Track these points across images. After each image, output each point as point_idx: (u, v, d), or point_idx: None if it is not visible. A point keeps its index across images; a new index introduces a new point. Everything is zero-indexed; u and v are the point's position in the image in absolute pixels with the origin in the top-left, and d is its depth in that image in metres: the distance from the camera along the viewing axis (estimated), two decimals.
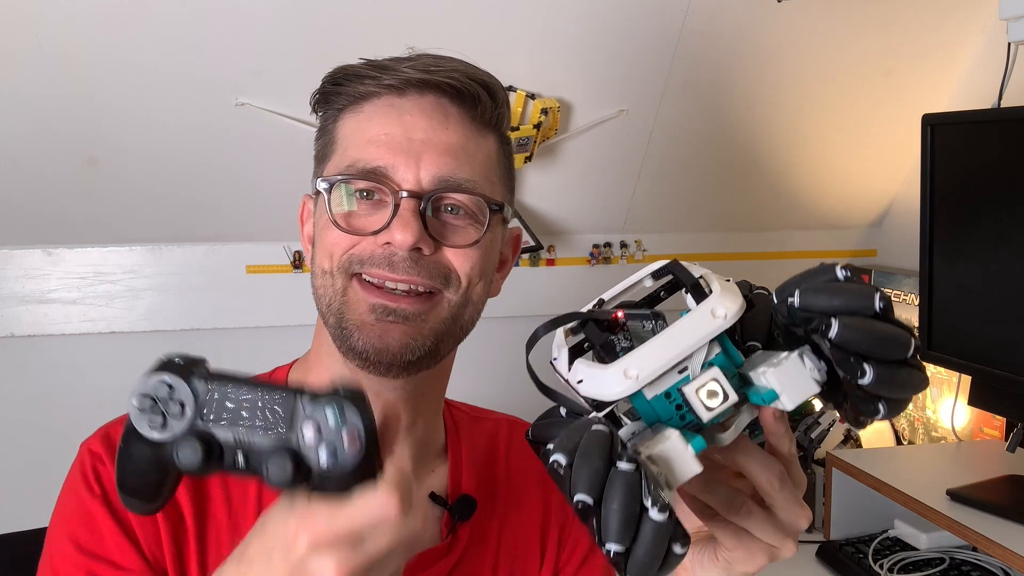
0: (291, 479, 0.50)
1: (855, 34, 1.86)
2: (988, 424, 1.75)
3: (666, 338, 0.52)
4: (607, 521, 0.45)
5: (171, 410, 0.52)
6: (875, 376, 0.49)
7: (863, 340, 0.49)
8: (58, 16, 1.44)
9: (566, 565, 0.87)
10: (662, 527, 0.45)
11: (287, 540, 0.50)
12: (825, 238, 2.28)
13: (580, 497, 0.45)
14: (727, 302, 0.52)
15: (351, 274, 0.72)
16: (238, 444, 0.52)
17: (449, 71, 0.74)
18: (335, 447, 0.51)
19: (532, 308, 2.08)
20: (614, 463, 0.46)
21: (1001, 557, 1.26)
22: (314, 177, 0.78)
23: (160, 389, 0.52)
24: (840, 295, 0.51)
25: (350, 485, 0.51)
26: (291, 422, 0.52)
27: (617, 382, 0.51)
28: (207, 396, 0.52)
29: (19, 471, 1.78)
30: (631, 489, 0.45)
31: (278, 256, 1.85)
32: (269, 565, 0.51)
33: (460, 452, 0.85)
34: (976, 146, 1.51)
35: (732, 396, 0.51)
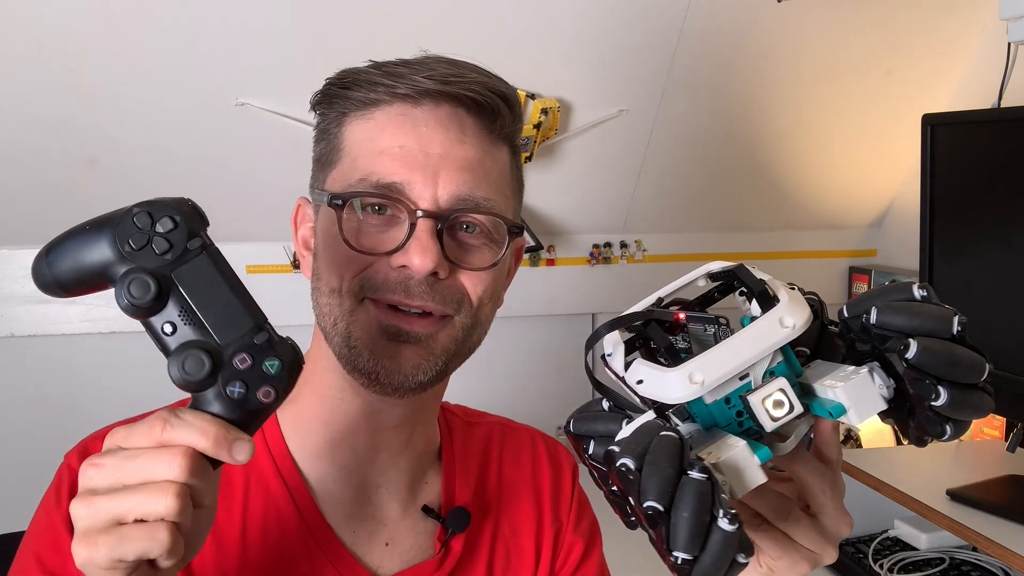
0: (195, 382, 0.50)
1: (855, 34, 1.86)
2: (988, 424, 1.75)
3: (733, 345, 0.51)
4: (676, 529, 0.45)
5: (156, 242, 0.51)
6: (949, 399, 0.50)
7: (940, 363, 0.50)
8: (58, 17, 1.44)
9: (561, 570, 0.86)
10: (731, 537, 0.45)
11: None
12: (825, 238, 2.28)
13: (651, 504, 0.45)
14: (796, 312, 0.52)
15: (362, 297, 0.69)
16: (181, 316, 0.51)
17: (469, 82, 0.70)
18: (250, 389, 0.51)
19: (532, 308, 2.08)
20: (684, 471, 0.46)
21: (1001, 557, 1.26)
22: (314, 182, 0.75)
23: (165, 221, 0.51)
24: (920, 316, 0.51)
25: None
26: (236, 340, 0.52)
27: (681, 386, 0.51)
28: (193, 258, 0.52)
29: (19, 471, 1.78)
30: (703, 498, 0.45)
31: (278, 256, 1.85)
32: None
33: (454, 463, 0.83)
34: (976, 146, 1.51)
35: (797, 407, 0.51)
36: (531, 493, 0.87)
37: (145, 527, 0.48)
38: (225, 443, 0.50)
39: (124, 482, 0.49)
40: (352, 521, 0.76)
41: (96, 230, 0.52)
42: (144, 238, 0.51)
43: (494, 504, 0.84)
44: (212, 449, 0.50)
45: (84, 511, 0.49)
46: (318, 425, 0.75)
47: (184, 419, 0.50)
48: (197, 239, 0.52)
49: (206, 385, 0.51)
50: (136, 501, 0.48)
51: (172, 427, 0.50)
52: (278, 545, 0.74)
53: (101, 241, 0.51)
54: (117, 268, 0.51)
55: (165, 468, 0.49)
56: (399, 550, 0.78)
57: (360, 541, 0.76)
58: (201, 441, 0.50)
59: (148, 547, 0.48)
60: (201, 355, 0.50)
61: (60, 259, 0.52)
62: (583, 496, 0.91)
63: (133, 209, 0.51)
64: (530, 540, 0.85)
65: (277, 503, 0.74)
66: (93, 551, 0.48)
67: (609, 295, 2.14)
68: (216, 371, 0.51)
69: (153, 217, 0.51)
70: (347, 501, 0.76)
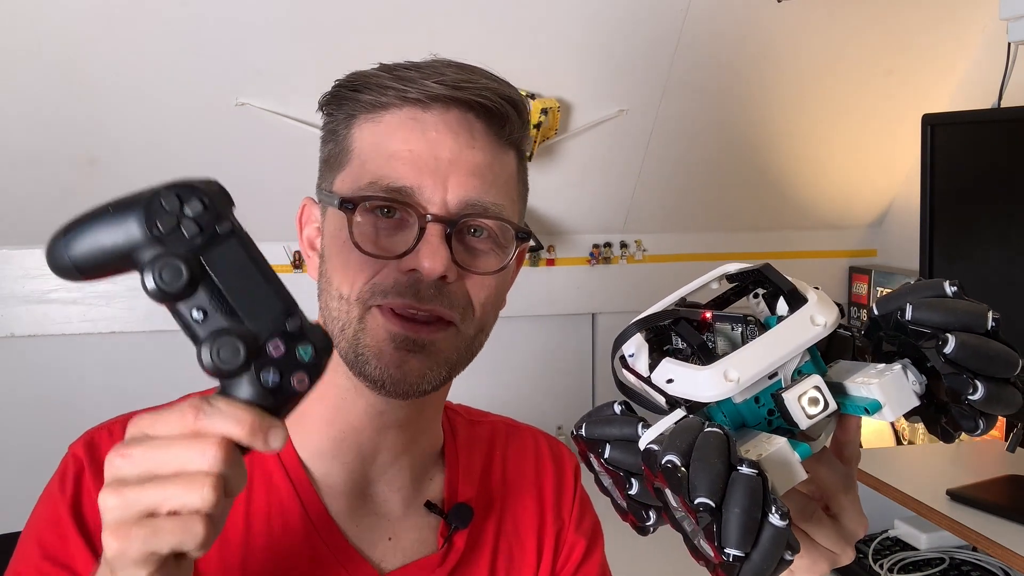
0: (232, 368, 0.48)
1: (855, 34, 1.86)
2: None
3: (767, 342, 0.52)
4: (729, 525, 0.44)
5: (186, 225, 0.49)
6: (985, 393, 0.51)
7: (977, 358, 0.51)
8: (59, 17, 1.44)
9: (562, 569, 0.86)
10: (782, 533, 0.45)
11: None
12: (825, 238, 2.28)
13: (702, 500, 0.44)
14: (826, 310, 0.53)
15: (370, 305, 0.69)
16: (212, 301, 0.49)
17: (479, 88, 0.70)
18: (284, 376, 0.49)
19: (532, 308, 2.08)
20: (734, 466, 0.46)
21: (1001, 557, 1.26)
22: (322, 182, 0.75)
23: (194, 203, 0.49)
24: (955, 312, 0.52)
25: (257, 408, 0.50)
26: (269, 326, 0.50)
27: (716, 384, 0.50)
28: (223, 242, 0.50)
29: (19, 471, 1.78)
30: (755, 494, 0.45)
31: (278, 256, 1.85)
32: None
33: (457, 459, 0.84)
34: (976, 146, 1.52)
35: (832, 405, 0.51)
36: (534, 491, 0.87)
37: (180, 520, 0.47)
38: (260, 432, 0.48)
39: (155, 472, 0.48)
40: (355, 516, 0.77)
41: (121, 211, 0.49)
42: (173, 221, 0.49)
43: (497, 501, 0.85)
44: (247, 438, 0.48)
45: (114, 502, 0.47)
46: (322, 423, 0.76)
47: (218, 407, 0.48)
48: (227, 222, 0.50)
49: (239, 372, 0.49)
50: (170, 493, 0.47)
51: (206, 415, 0.48)
52: (282, 539, 0.74)
53: (127, 223, 0.49)
54: (144, 251, 0.48)
55: (200, 458, 0.47)
56: (402, 545, 0.78)
57: (363, 536, 0.77)
58: (236, 430, 0.48)
59: (183, 540, 0.47)
60: (236, 342, 0.48)
61: (80, 241, 0.49)
62: (585, 495, 0.91)
63: (161, 190, 0.49)
64: (532, 538, 0.85)
65: (281, 498, 0.75)
66: (127, 544, 0.47)
67: (609, 295, 2.14)
68: (250, 358, 0.49)
69: (182, 199, 0.49)
70: (351, 497, 0.77)
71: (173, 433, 0.48)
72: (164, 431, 0.49)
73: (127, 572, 0.48)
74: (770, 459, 0.49)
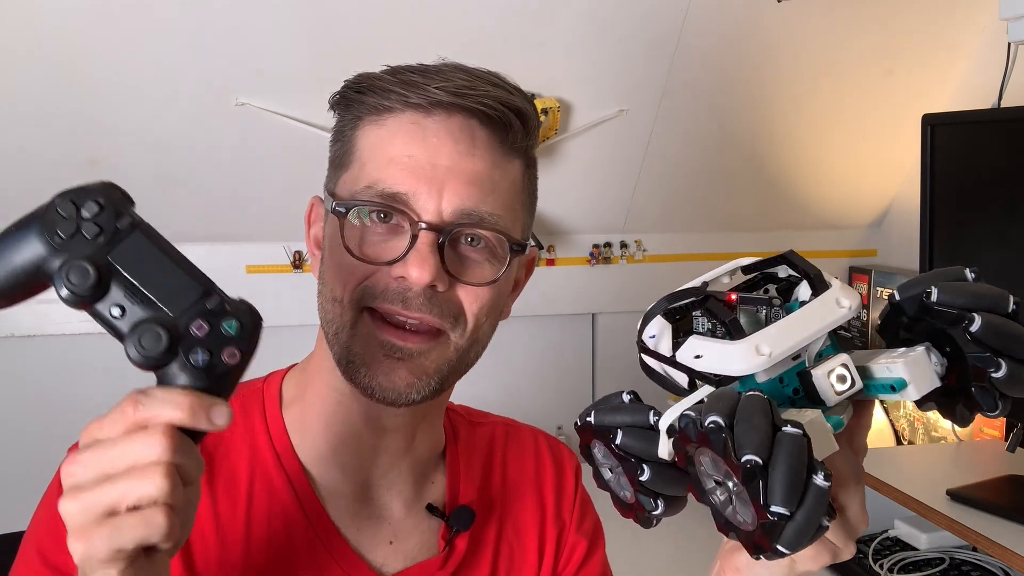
0: (156, 357, 0.49)
1: (855, 34, 1.86)
2: (988, 424, 1.75)
3: (797, 320, 0.53)
4: (776, 483, 0.45)
5: (85, 228, 0.49)
6: (1008, 372, 0.52)
7: (1002, 337, 0.53)
8: (58, 17, 1.44)
9: (564, 570, 0.86)
10: (824, 493, 0.45)
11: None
12: (825, 238, 2.29)
13: (749, 456, 0.45)
14: (848, 295, 0.55)
15: (362, 307, 0.69)
16: (126, 296, 0.50)
17: (482, 95, 0.69)
18: (213, 354, 0.50)
19: (532, 308, 2.08)
20: (778, 427, 0.46)
21: (1001, 557, 1.26)
22: (328, 182, 0.75)
23: (89, 205, 0.50)
24: (979, 295, 0.54)
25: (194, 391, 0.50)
26: (188, 309, 0.50)
27: (748, 358, 0.51)
28: (126, 237, 0.50)
29: (19, 471, 1.78)
30: (801, 453, 0.45)
31: (278, 256, 1.85)
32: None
33: (458, 462, 0.84)
34: (976, 146, 1.52)
35: (858, 382, 0.53)
36: (534, 492, 0.87)
37: (140, 514, 0.47)
38: (202, 411, 0.49)
39: (107, 472, 0.48)
40: (356, 520, 0.77)
41: (21, 229, 0.50)
42: (72, 226, 0.49)
43: (498, 503, 0.84)
44: (190, 420, 0.48)
45: (73, 507, 0.48)
46: (321, 427, 0.76)
47: (154, 395, 0.49)
48: (126, 217, 0.51)
49: (168, 359, 0.49)
50: (125, 488, 0.47)
51: (144, 406, 0.48)
52: (282, 542, 0.74)
53: (29, 238, 0.49)
54: (52, 262, 0.49)
55: (147, 449, 0.47)
56: (403, 548, 0.78)
57: (364, 539, 0.76)
58: (177, 414, 0.48)
59: (146, 533, 0.47)
60: (156, 329, 0.49)
61: None
62: (586, 496, 0.91)
63: (55, 200, 0.50)
64: (533, 539, 0.85)
65: (282, 501, 0.74)
66: (90, 545, 0.47)
67: (609, 295, 2.14)
68: (175, 343, 0.49)
69: (77, 204, 0.50)
70: (351, 500, 0.77)
71: (118, 431, 0.49)
72: (110, 431, 0.49)
73: (98, 574, 0.48)
74: (810, 426, 0.49)
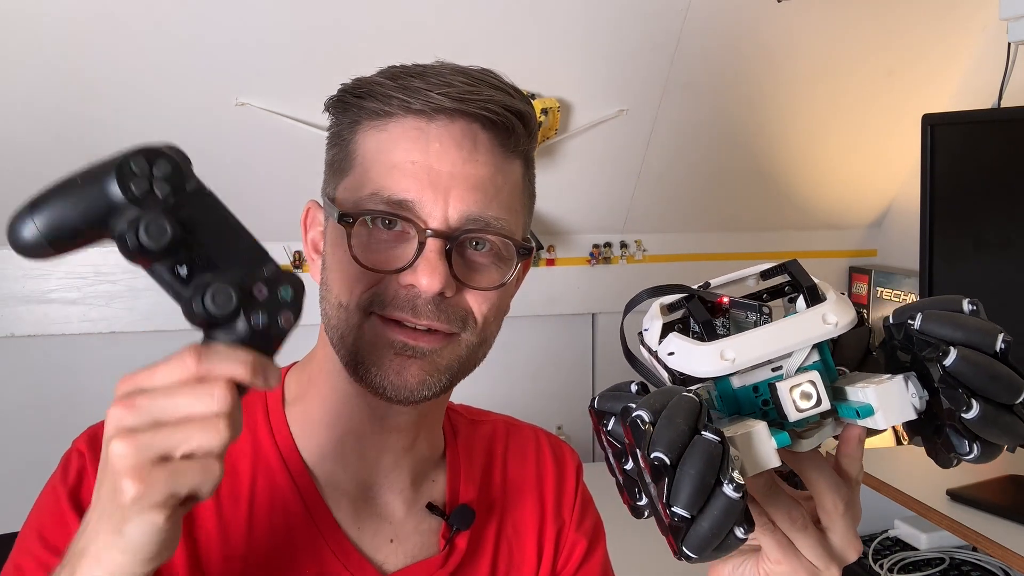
0: (226, 314, 0.51)
1: (855, 34, 1.86)
2: None
3: (771, 331, 0.51)
4: (680, 484, 0.44)
5: (159, 186, 0.50)
6: (980, 413, 0.49)
7: (977, 375, 0.49)
8: (59, 17, 1.44)
9: (563, 569, 0.86)
10: (733, 505, 0.45)
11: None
12: (825, 238, 2.29)
13: (658, 454, 0.45)
14: (840, 311, 0.52)
15: (369, 312, 0.69)
16: (195, 256, 0.51)
17: (485, 100, 0.69)
18: (271, 317, 0.52)
19: (532, 308, 2.08)
20: (698, 431, 0.45)
21: (1001, 557, 1.26)
22: (326, 187, 0.75)
23: (162, 164, 0.51)
24: (964, 327, 0.51)
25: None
26: (251, 273, 0.52)
27: (711, 361, 0.50)
28: (195, 199, 0.52)
29: (19, 471, 1.78)
30: (711, 459, 0.45)
31: (278, 256, 1.83)
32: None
33: (458, 461, 0.84)
34: (976, 146, 1.52)
35: (825, 402, 0.50)
36: (535, 491, 0.87)
37: (198, 461, 0.49)
38: (261, 370, 0.51)
39: (162, 418, 0.49)
40: (358, 518, 0.77)
41: (91, 180, 0.50)
42: (146, 183, 0.50)
43: (498, 502, 0.85)
44: (250, 377, 0.50)
45: (127, 449, 0.48)
46: (323, 426, 0.76)
47: (218, 351, 0.50)
48: (193, 180, 0.52)
49: (231, 318, 0.51)
50: (185, 435, 0.48)
51: (208, 360, 0.50)
52: (284, 538, 0.74)
53: (101, 189, 0.50)
54: (122, 215, 0.50)
55: (210, 400, 0.49)
56: (404, 547, 0.78)
57: (365, 537, 0.77)
58: (240, 370, 0.50)
59: (201, 480, 0.49)
60: (229, 290, 0.51)
61: (51, 213, 0.50)
62: (587, 495, 0.91)
63: (129, 155, 0.50)
64: (533, 538, 0.85)
65: (284, 497, 0.75)
66: (148, 487, 0.48)
67: (609, 295, 2.14)
68: (240, 304, 0.51)
69: (151, 162, 0.51)
70: (353, 499, 0.77)
71: (175, 380, 0.50)
72: (164, 380, 0.50)
73: (145, 516, 0.48)
74: (744, 438, 0.49)
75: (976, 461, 0.51)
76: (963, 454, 0.51)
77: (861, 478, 0.59)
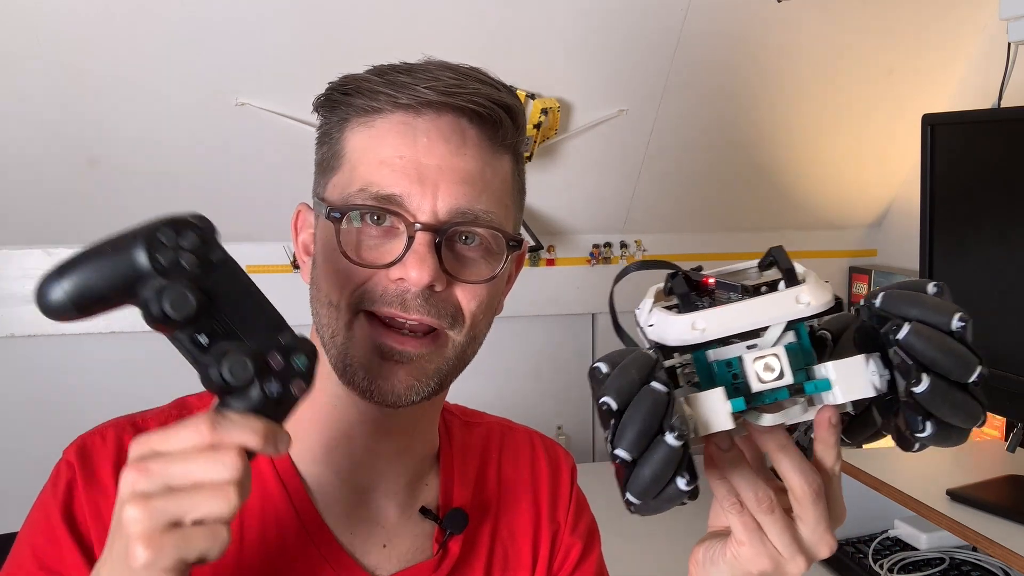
0: (242, 384, 0.52)
1: (855, 34, 1.86)
2: (988, 424, 1.75)
3: (742, 306, 0.52)
4: (623, 428, 0.46)
5: (185, 257, 0.53)
6: (930, 387, 0.49)
7: (928, 349, 0.49)
8: (59, 17, 1.44)
9: (559, 571, 0.86)
10: (673, 452, 0.46)
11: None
12: (825, 238, 2.29)
13: (605, 399, 0.47)
14: (815, 293, 0.53)
15: (359, 310, 0.69)
16: (215, 325, 0.53)
17: (471, 93, 0.69)
18: (286, 385, 0.54)
19: (532, 308, 2.08)
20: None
21: (1001, 557, 1.26)
22: (316, 187, 0.75)
23: (188, 235, 0.53)
24: (922, 306, 0.52)
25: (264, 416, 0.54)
26: (267, 342, 0.54)
27: (682, 330, 0.52)
28: (218, 269, 0.54)
29: (19, 471, 1.78)
30: (655, 407, 0.46)
31: (278, 256, 1.85)
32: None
33: (452, 463, 0.83)
34: (976, 146, 1.51)
35: (788, 377, 0.51)
36: (529, 494, 0.87)
37: (207, 528, 0.50)
38: (272, 438, 0.52)
39: (174, 485, 0.50)
40: (350, 523, 0.76)
41: (120, 248, 0.52)
42: (173, 254, 0.52)
43: (492, 505, 0.84)
44: (261, 446, 0.52)
45: (141, 514, 0.50)
46: (314, 430, 0.75)
47: (232, 419, 0.52)
48: (218, 250, 0.55)
49: (246, 387, 0.53)
50: (196, 502, 0.50)
51: (222, 428, 0.51)
52: (275, 546, 0.74)
53: (129, 258, 0.52)
54: (148, 284, 0.52)
55: (222, 468, 0.50)
56: (397, 552, 0.78)
57: (358, 542, 0.76)
58: (252, 439, 0.51)
59: (211, 546, 0.50)
60: (245, 360, 0.52)
61: (80, 279, 0.52)
62: (581, 497, 0.91)
63: (158, 225, 0.53)
64: (527, 541, 0.85)
65: (275, 504, 0.74)
66: (159, 553, 0.49)
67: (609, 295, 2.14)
68: (256, 373, 0.53)
69: (178, 233, 0.53)
70: (344, 503, 0.76)
71: (188, 446, 0.51)
72: (179, 446, 0.51)
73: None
74: (700, 398, 0.51)
75: (933, 442, 0.52)
76: (917, 432, 0.51)
77: (839, 469, 0.58)
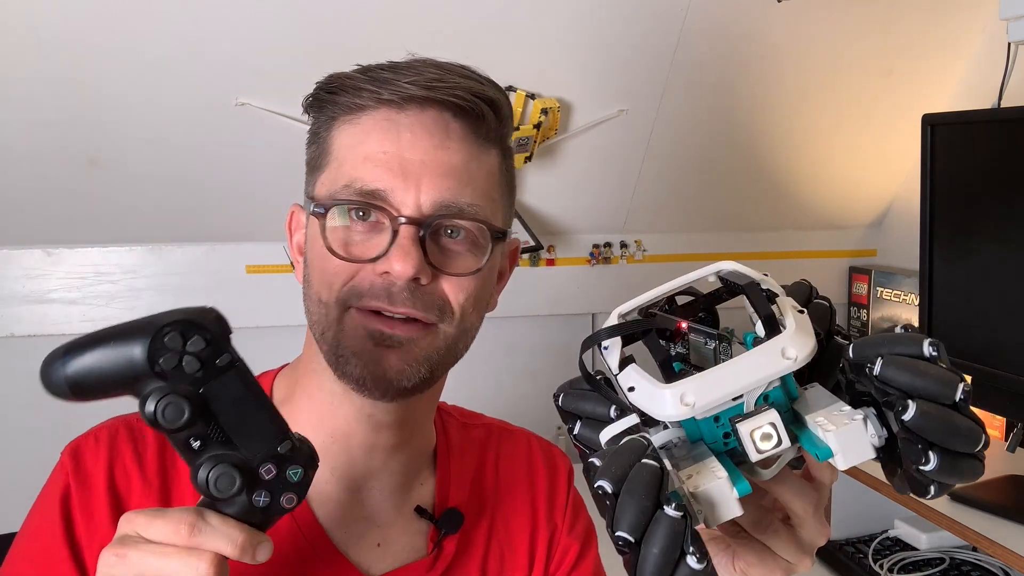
0: (227, 496, 0.52)
1: (855, 34, 1.86)
2: (988, 424, 1.75)
3: (730, 371, 0.51)
4: (645, 563, 0.45)
5: (187, 362, 0.51)
6: (938, 465, 0.49)
7: (936, 429, 0.49)
8: (58, 16, 1.44)
9: (556, 572, 0.86)
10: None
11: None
12: (825, 238, 2.29)
13: (622, 535, 0.45)
14: (799, 343, 0.51)
15: (348, 306, 0.70)
16: (210, 431, 0.52)
17: (454, 87, 0.69)
18: (274, 498, 0.53)
19: (532, 308, 2.08)
20: (661, 505, 0.46)
21: (1001, 557, 1.26)
22: (307, 186, 0.75)
23: (196, 340, 0.52)
24: (924, 377, 0.50)
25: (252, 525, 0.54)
26: (262, 452, 0.53)
27: (672, 405, 0.50)
28: (222, 375, 0.52)
29: (19, 471, 1.78)
30: (675, 537, 0.45)
31: (278, 256, 1.85)
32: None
33: (449, 463, 0.83)
34: (976, 146, 1.52)
35: (786, 442, 0.50)
36: (526, 495, 0.87)
37: None
38: (251, 548, 0.52)
39: (146, 574, 0.51)
40: (344, 521, 0.76)
41: (124, 342, 0.51)
42: (176, 358, 0.51)
43: (489, 505, 0.84)
44: (238, 555, 0.52)
45: None
46: (310, 427, 0.75)
47: (211, 525, 0.52)
48: (226, 355, 0.53)
49: (234, 497, 0.53)
50: None
51: (200, 533, 0.51)
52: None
53: (130, 355, 0.51)
54: (146, 384, 0.51)
55: (193, 573, 0.51)
56: (391, 550, 0.78)
57: (351, 541, 0.76)
58: (229, 548, 0.52)
59: None
60: (233, 472, 0.52)
61: (79, 364, 0.51)
62: (578, 499, 0.91)
63: (165, 326, 0.51)
64: (524, 542, 0.85)
65: None
66: None
67: (609, 295, 2.14)
68: (244, 486, 0.52)
69: (185, 336, 0.51)
70: (339, 502, 0.76)
71: (167, 542, 0.52)
72: (158, 537, 0.52)
73: None
74: (706, 494, 0.49)
75: (934, 498, 0.52)
76: (922, 496, 0.52)
77: (835, 478, 0.60)
